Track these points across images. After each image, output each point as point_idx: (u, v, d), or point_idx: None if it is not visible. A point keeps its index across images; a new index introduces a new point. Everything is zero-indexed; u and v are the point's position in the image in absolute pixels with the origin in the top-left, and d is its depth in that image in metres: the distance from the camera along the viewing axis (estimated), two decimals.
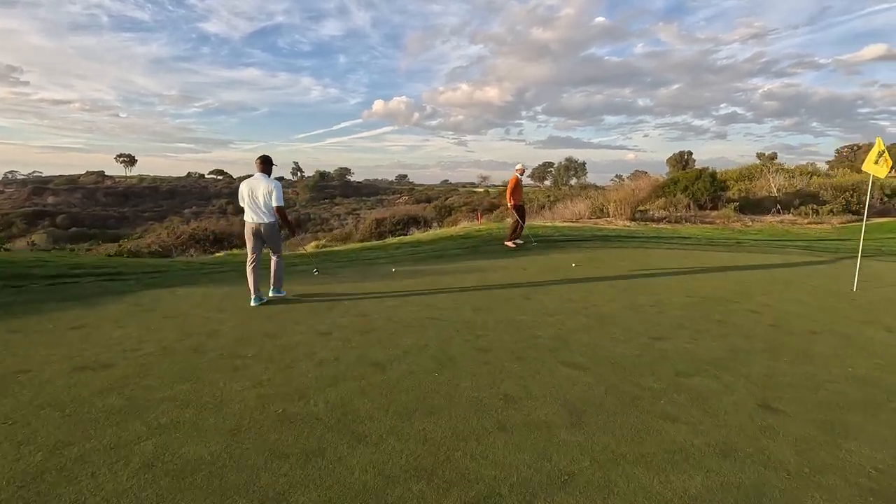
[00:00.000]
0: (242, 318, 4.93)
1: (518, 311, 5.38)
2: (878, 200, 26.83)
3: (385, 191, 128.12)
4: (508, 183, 10.50)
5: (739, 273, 8.03)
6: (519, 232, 10.47)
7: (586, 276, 7.52)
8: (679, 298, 6.21)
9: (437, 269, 8.05)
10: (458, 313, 5.25)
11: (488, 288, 6.59)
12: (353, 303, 5.65)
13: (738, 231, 16.95)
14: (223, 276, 7.16)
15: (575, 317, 5.22)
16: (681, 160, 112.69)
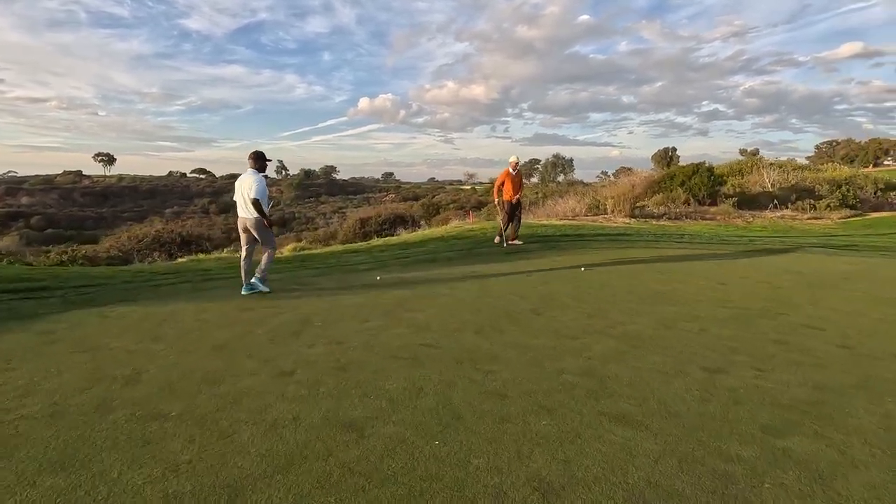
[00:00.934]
0: (180, 349, 3.83)
1: (530, 333, 4.36)
2: (872, 194, 26.46)
3: (371, 189, 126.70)
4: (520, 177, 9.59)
5: (767, 275, 7.13)
6: (501, 230, 9.51)
7: (600, 282, 6.54)
8: (715, 310, 5.26)
9: (428, 276, 7.00)
10: (459, 338, 4.21)
11: (490, 299, 5.56)
12: (328, 325, 4.57)
13: (741, 228, 16.20)
14: (174, 290, 6.02)
15: (601, 339, 4.21)
16: (665, 156, 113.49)
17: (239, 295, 5.72)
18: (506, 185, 9.37)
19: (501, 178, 9.47)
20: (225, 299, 5.51)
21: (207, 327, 4.43)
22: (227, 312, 4.93)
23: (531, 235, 10.56)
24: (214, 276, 6.97)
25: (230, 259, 9.34)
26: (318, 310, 5.10)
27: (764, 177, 26.65)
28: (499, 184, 9.52)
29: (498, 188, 9.50)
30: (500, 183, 9.49)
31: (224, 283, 6.38)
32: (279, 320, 4.69)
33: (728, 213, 19.01)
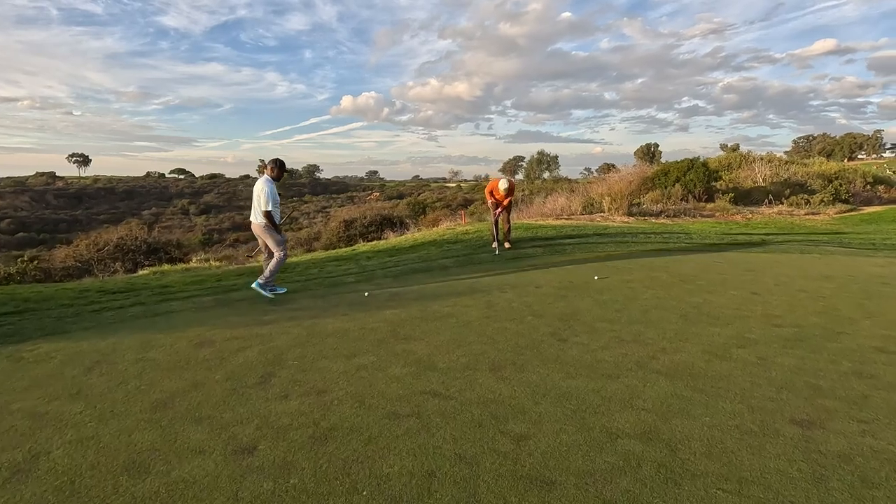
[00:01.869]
0: (105, 411, 2.88)
1: (560, 370, 3.50)
2: (862, 188, 26.28)
3: (355, 187, 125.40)
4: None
5: (802, 282, 6.39)
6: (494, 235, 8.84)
7: (622, 295, 5.72)
8: (765, 330, 4.47)
9: (424, 290, 6.10)
10: (473, 380, 3.33)
11: (501, 322, 4.70)
12: (306, 363, 3.65)
13: (742, 225, 15.61)
14: (120, 316, 5.03)
15: (649, 377, 3.38)
16: (648, 152, 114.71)
17: (197, 322, 4.76)
18: (494, 194, 8.98)
19: (490, 188, 9.15)
20: (180, 328, 4.54)
21: (150, 373, 3.47)
22: (179, 348, 3.97)
23: (532, 238, 9.73)
24: (174, 294, 5.97)
25: (198, 271, 8.32)
26: (294, 340, 4.17)
27: (755, 172, 26.31)
28: (489, 190, 9.18)
29: (489, 193, 9.09)
30: (489, 190, 9.15)
31: (183, 305, 5.39)
32: (244, 358, 3.75)
33: (726, 209, 18.46)
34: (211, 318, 4.84)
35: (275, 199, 5.78)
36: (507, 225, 8.91)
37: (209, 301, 5.59)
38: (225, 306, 5.37)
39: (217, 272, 8.08)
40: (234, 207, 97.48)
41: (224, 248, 45.34)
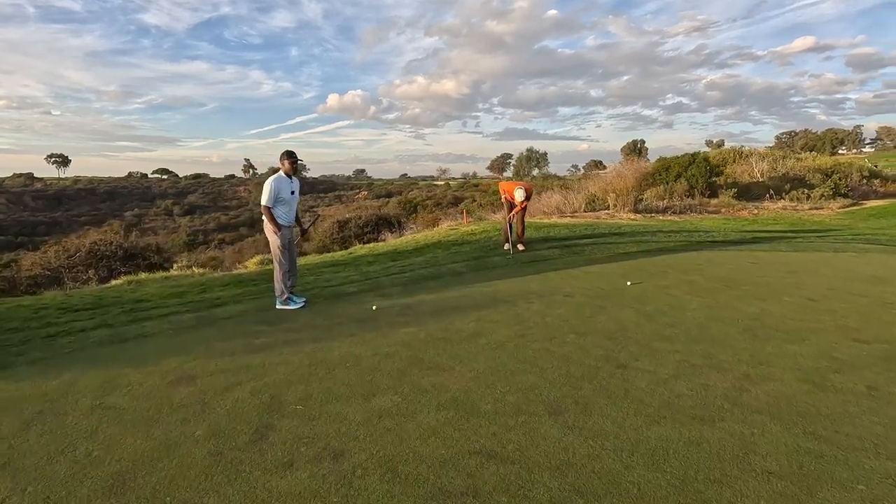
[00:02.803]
0: (36, 501, 2.08)
1: (639, 412, 2.76)
2: (858, 182, 26.07)
3: (343, 186, 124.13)
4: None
5: (858, 286, 5.75)
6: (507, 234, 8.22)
7: (668, 304, 5.02)
8: (851, 347, 3.80)
9: (440, 301, 5.33)
10: (533, 432, 2.57)
11: (540, 342, 3.95)
12: (312, 408, 2.87)
13: (750, 221, 15.07)
14: (80, 342, 4.16)
15: (753, 421, 2.65)
16: (634, 149, 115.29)
17: (174, 349, 3.93)
18: (508, 191, 8.30)
19: (505, 188, 8.51)
20: (153, 359, 3.71)
21: (109, 428, 2.66)
22: (150, 389, 3.15)
23: (546, 238, 9.00)
24: (149, 310, 5.12)
25: (179, 280, 7.45)
26: (295, 373, 3.37)
27: (753, 167, 25.96)
28: (503, 189, 8.53)
29: (504, 191, 8.37)
30: (504, 189, 8.51)
31: (158, 326, 4.55)
32: (232, 401, 2.95)
33: (731, 205, 17.97)
34: (191, 344, 4.02)
35: (275, 195, 5.05)
36: (520, 226, 8.19)
37: (190, 320, 4.75)
38: (208, 326, 4.54)
39: (200, 280, 7.22)
40: (219, 208, 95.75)
41: (210, 249, 44.11)
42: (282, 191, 5.09)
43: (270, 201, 5.04)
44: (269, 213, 5.06)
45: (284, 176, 5.17)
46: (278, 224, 5.11)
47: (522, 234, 8.23)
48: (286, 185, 5.15)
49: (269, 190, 5.01)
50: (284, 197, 5.13)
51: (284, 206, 5.17)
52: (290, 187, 5.19)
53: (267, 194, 5.02)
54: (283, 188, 5.10)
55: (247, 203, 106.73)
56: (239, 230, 68.18)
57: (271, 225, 5.07)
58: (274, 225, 5.08)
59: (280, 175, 5.15)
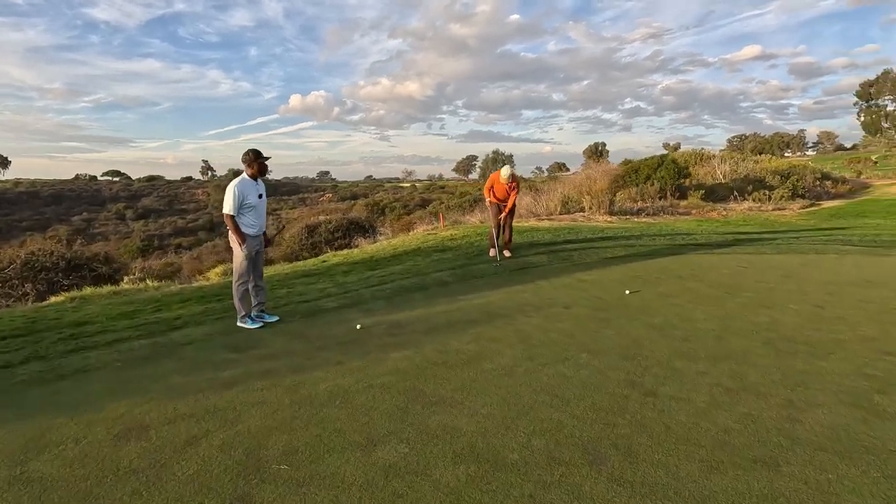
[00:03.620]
0: None
1: (691, 457, 2.35)
2: (811, 184, 27.16)
3: (307, 188, 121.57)
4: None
5: (856, 290, 5.61)
6: (492, 239, 7.76)
7: (677, 315, 4.69)
8: (885, 363, 3.54)
9: (429, 317, 4.83)
10: (577, 491, 2.11)
11: (549, 364, 3.51)
12: (298, 468, 2.32)
13: (722, 222, 15.26)
14: (1, 383, 3.43)
15: (824, 463, 2.29)
16: (596, 151, 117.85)
17: (123, 388, 3.28)
18: (495, 188, 7.79)
19: (490, 182, 7.90)
20: (95, 403, 3.05)
21: None
22: (89, 448, 2.51)
23: (531, 244, 8.63)
24: (92, 336, 4.38)
25: (131, 295, 6.65)
26: (274, 418, 2.80)
27: (715, 168, 26.66)
28: (488, 186, 7.88)
29: (489, 189, 7.85)
30: (489, 186, 7.88)
31: (103, 358, 3.84)
32: (197, 462, 2.36)
33: (700, 206, 18.23)
34: (144, 381, 3.36)
35: (240, 201, 4.44)
36: (508, 231, 7.75)
37: (143, 348, 4.07)
38: (166, 356, 3.87)
39: (155, 296, 6.45)
40: (175, 211, 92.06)
41: (167, 254, 41.95)
42: (248, 196, 4.48)
43: (235, 209, 4.41)
44: (233, 223, 4.43)
45: (249, 179, 4.57)
46: (243, 234, 4.49)
47: (510, 239, 7.80)
48: (252, 188, 4.54)
49: (232, 196, 4.39)
50: (251, 202, 4.51)
51: (252, 212, 4.55)
52: (257, 191, 4.58)
53: (231, 201, 4.39)
54: (248, 193, 4.49)
55: (205, 206, 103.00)
56: (197, 234, 65.45)
57: (236, 235, 4.45)
58: (239, 235, 4.45)
59: (244, 178, 4.54)
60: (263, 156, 4.58)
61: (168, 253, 43.78)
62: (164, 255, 36.70)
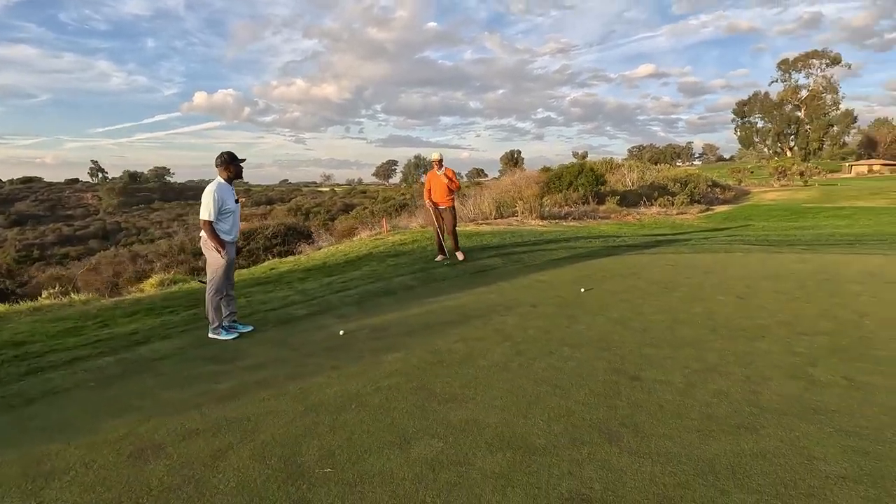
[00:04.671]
0: None
1: (688, 428, 2.71)
2: (705, 191, 30.50)
3: None
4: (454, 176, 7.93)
5: (766, 283, 6.54)
6: (439, 242, 7.92)
7: (625, 308, 5.20)
8: (809, 343, 4.23)
9: (408, 319, 4.93)
10: (607, 465, 2.38)
11: (536, 358, 3.79)
12: (343, 469, 2.36)
13: (637, 225, 16.77)
14: None
15: (801, 428, 2.75)
16: (512, 159, 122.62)
17: (111, 408, 3.06)
18: (433, 188, 7.85)
19: (427, 182, 7.97)
20: (86, 425, 2.81)
21: None
22: (105, 470, 2.34)
23: (482, 247, 8.97)
24: (41, 357, 3.95)
25: (58, 311, 6.00)
26: (295, 425, 2.78)
27: (625, 176, 29.07)
28: (427, 188, 7.94)
29: (427, 192, 7.92)
30: (427, 188, 7.94)
31: (70, 378, 3.50)
32: (234, 474, 2.31)
33: (617, 211, 19.84)
34: (131, 398, 3.15)
35: (219, 206, 4.30)
36: (453, 237, 7.83)
37: (110, 365, 3.76)
38: (142, 371, 3.63)
39: (88, 311, 5.89)
40: (59, 217, 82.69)
41: (51, 267, 37.35)
42: (226, 201, 4.33)
43: (214, 215, 4.24)
44: (212, 230, 4.25)
45: (225, 183, 4.41)
46: (222, 241, 4.32)
47: (456, 244, 7.97)
48: (229, 193, 4.40)
49: (212, 201, 4.22)
50: (230, 207, 4.37)
51: (230, 218, 4.40)
52: (233, 195, 4.44)
53: (210, 206, 4.22)
54: (227, 198, 4.35)
55: (96, 211, 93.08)
56: (88, 243, 58.90)
57: (214, 243, 4.27)
58: (217, 242, 4.28)
59: (221, 182, 4.38)
60: (239, 158, 4.44)
61: (52, 265, 38.96)
62: (49, 267, 32.66)
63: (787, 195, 28.90)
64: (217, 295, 4.37)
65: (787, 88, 71.22)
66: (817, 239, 11.39)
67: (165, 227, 71.86)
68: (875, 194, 25.31)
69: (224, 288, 4.42)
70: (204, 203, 4.27)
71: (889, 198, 23.52)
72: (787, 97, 71.17)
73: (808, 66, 69.66)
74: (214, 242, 4.26)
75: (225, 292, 4.47)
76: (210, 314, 4.40)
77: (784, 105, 71.82)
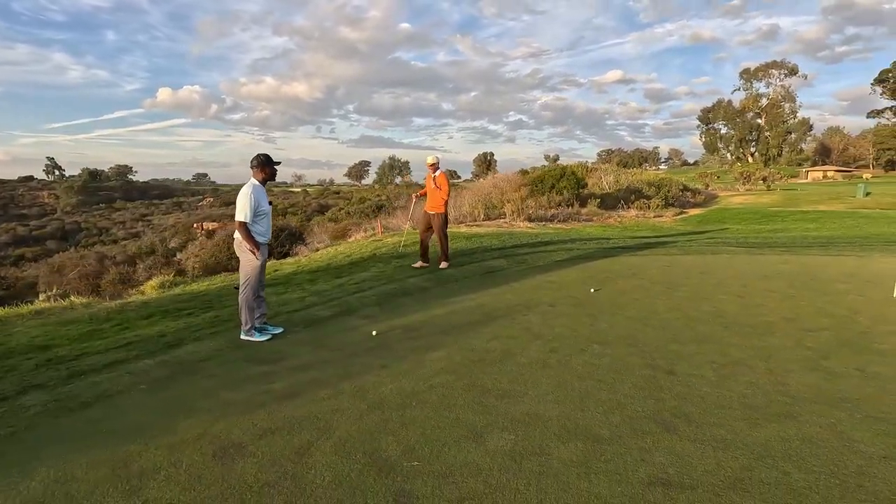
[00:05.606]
0: None
1: (741, 420, 2.92)
2: (677, 195, 31.57)
3: (182, 192, 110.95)
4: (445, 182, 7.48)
5: (759, 282, 6.93)
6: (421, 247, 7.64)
7: (642, 306, 5.45)
8: (816, 338, 4.54)
9: (434, 319, 5.03)
10: (682, 459, 2.55)
11: (571, 354, 3.97)
12: (430, 460, 2.46)
13: (620, 227, 17.29)
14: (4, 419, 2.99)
15: (834, 415, 3.00)
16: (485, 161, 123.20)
17: (174, 410, 3.06)
18: (428, 192, 7.57)
19: (426, 185, 7.65)
20: (155, 425, 2.81)
21: None
22: (194, 470, 2.37)
23: (484, 248, 9.13)
24: (74, 362, 3.88)
25: (63, 315, 5.84)
26: (365, 421, 2.85)
27: (602, 179, 29.82)
28: (422, 192, 7.77)
29: (422, 193, 7.80)
30: (423, 191, 7.76)
31: (116, 380, 3.46)
32: (325, 469, 2.38)
33: (598, 214, 20.39)
34: (189, 399, 3.16)
35: (255, 208, 4.30)
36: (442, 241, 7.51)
37: (152, 368, 3.73)
38: (189, 373, 3.62)
39: (98, 314, 5.76)
40: (12, 216, 79.02)
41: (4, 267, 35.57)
42: (261, 203, 4.35)
43: (250, 216, 4.25)
44: (247, 232, 4.26)
45: (259, 184, 4.43)
46: (257, 243, 4.33)
47: (445, 251, 7.56)
48: (263, 195, 4.42)
49: (248, 202, 4.23)
50: (265, 209, 4.39)
51: (264, 220, 4.42)
52: (266, 197, 4.46)
53: (248, 208, 4.23)
54: (262, 199, 4.36)
55: (54, 211, 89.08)
56: (45, 244, 56.33)
57: (249, 244, 4.28)
58: (253, 244, 4.29)
59: (256, 184, 4.40)
60: (274, 161, 4.46)
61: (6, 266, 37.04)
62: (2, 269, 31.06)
63: (752, 199, 30.25)
64: (253, 295, 4.38)
65: (749, 97, 74.43)
66: (793, 241, 12.04)
67: (129, 228, 69.33)
68: (834, 199, 26.81)
69: (257, 289, 4.43)
70: (239, 205, 4.27)
71: (847, 202, 24.98)
72: (749, 105, 74.39)
73: (768, 75, 73.03)
74: (249, 244, 4.27)
75: (255, 293, 4.48)
76: (243, 315, 4.40)
77: (746, 112, 75.02)
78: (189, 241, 36.53)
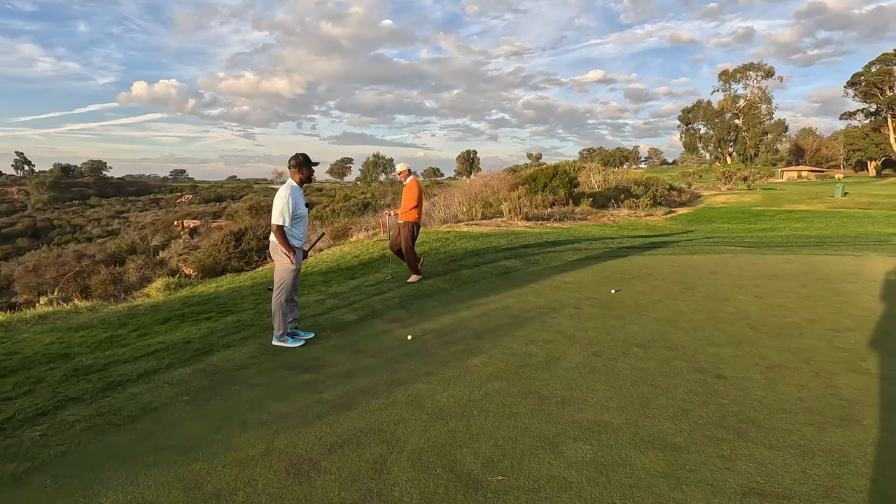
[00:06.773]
0: None
1: (807, 424, 2.92)
2: (664, 194, 32.04)
3: (159, 189, 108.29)
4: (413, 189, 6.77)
5: (771, 283, 7.04)
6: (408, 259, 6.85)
7: (664, 308, 5.46)
8: (846, 339, 4.61)
9: (465, 322, 4.94)
10: (767, 468, 2.53)
11: (613, 359, 3.94)
12: (520, 481, 2.38)
13: (615, 227, 17.44)
14: (69, 437, 2.80)
15: (890, 419, 3.04)
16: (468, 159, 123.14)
17: (225, 423, 2.92)
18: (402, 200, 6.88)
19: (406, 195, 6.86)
20: (213, 443, 2.67)
21: None
22: (271, 489, 2.25)
23: (495, 248, 9.07)
24: (103, 372, 3.68)
25: (70, 319, 5.58)
26: (431, 432, 2.76)
27: (591, 179, 30.09)
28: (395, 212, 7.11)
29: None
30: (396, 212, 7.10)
31: (155, 392, 3.28)
32: (412, 487, 2.29)
33: (592, 213, 20.53)
34: (245, 413, 3.01)
35: (293, 211, 4.13)
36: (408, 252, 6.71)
37: (189, 377, 3.56)
38: (231, 384, 3.46)
39: (106, 317, 5.52)
40: None
41: None
42: (299, 205, 4.20)
43: (288, 219, 4.10)
44: (283, 235, 4.11)
45: (297, 186, 4.28)
46: (292, 247, 4.18)
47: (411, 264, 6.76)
48: (301, 197, 4.27)
49: (286, 205, 4.08)
50: (302, 212, 4.24)
51: (301, 223, 4.27)
52: (304, 199, 4.31)
53: (284, 211, 4.07)
54: (300, 202, 4.21)
55: (24, 207, 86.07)
56: (15, 242, 54.41)
57: (285, 248, 4.13)
58: (288, 248, 4.14)
59: (294, 185, 4.24)
60: (312, 161, 4.31)
61: None
62: None
63: (735, 198, 30.87)
64: (286, 300, 4.23)
65: (727, 98, 76.06)
66: (787, 241, 12.30)
67: (105, 225, 67.32)
68: (814, 198, 27.56)
69: (291, 294, 4.28)
70: (276, 207, 4.11)
71: (826, 202, 25.70)
72: (727, 106, 76.03)
73: (746, 77, 74.71)
74: (285, 248, 4.12)
75: (291, 297, 4.34)
76: (276, 321, 4.25)
77: (724, 113, 76.65)
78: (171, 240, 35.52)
